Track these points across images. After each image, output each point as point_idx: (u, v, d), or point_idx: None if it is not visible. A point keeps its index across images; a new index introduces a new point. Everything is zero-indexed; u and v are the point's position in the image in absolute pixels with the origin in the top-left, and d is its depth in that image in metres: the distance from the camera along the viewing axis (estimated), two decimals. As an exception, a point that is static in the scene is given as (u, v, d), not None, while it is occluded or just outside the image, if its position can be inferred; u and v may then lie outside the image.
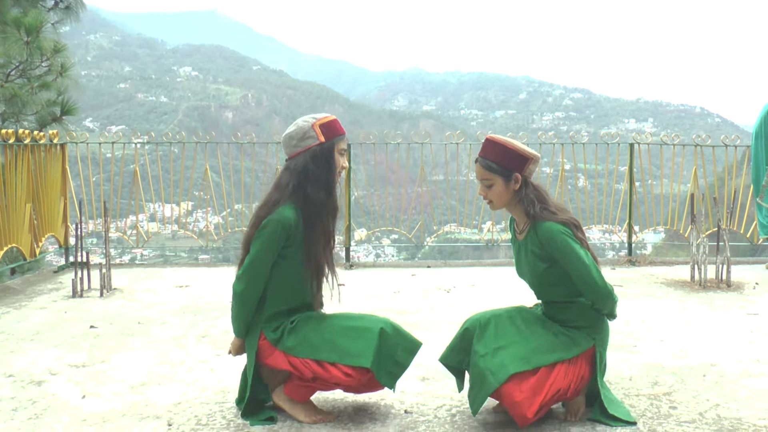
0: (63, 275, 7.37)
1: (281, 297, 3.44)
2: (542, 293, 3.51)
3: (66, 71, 9.45)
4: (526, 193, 3.37)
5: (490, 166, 3.36)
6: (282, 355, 3.39)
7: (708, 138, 8.40)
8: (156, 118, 79.85)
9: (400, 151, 8.84)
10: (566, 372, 3.31)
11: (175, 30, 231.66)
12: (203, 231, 8.79)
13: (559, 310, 3.46)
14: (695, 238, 6.95)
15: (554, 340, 3.36)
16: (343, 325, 3.40)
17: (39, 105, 9.44)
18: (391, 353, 3.37)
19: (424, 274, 7.56)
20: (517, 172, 3.35)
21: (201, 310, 5.89)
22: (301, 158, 3.38)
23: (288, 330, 3.41)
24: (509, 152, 3.35)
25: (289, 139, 3.42)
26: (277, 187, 3.41)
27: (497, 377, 3.21)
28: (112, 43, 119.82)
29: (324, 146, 3.40)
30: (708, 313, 5.75)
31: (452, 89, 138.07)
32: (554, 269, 3.36)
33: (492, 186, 3.38)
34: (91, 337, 5.03)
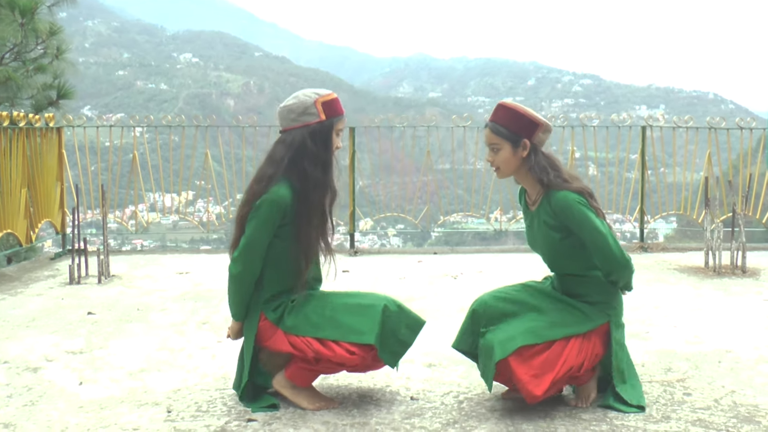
0: (60, 262, 7.36)
1: (279, 277, 3.40)
2: (556, 266, 3.46)
3: (62, 54, 9.42)
4: (537, 161, 3.32)
5: (498, 129, 3.32)
6: (283, 336, 3.35)
7: (722, 121, 8.33)
8: (156, 106, 79.78)
9: (405, 139, 8.81)
10: (579, 348, 3.27)
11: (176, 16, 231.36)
12: (204, 221, 8.77)
13: (573, 284, 3.41)
14: (709, 223, 6.90)
15: (566, 314, 3.32)
16: (345, 303, 3.36)
17: (34, 89, 9.41)
18: (394, 331, 3.33)
19: (431, 261, 7.52)
20: (525, 138, 3.31)
21: (202, 296, 5.87)
22: (298, 133, 3.33)
23: (288, 309, 3.37)
24: (519, 117, 3.31)
25: (288, 111, 3.36)
26: (272, 160, 3.35)
27: (504, 348, 3.17)
28: (110, 30, 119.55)
29: (324, 124, 3.35)
30: (723, 299, 5.71)
31: (458, 76, 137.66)
32: (569, 240, 3.32)
33: (499, 151, 3.34)
34: (89, 324, 5.02)
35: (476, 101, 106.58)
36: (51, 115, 7.71)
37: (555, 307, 3.36)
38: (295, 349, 3.35)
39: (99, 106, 70.70)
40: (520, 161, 3.34)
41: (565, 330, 3.26)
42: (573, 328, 3.28)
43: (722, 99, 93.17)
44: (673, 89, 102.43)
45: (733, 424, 3.24)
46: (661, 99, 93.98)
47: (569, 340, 3.26)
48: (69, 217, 7.76)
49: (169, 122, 8.45)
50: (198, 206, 9.49)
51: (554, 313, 3.32)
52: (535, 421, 3.27)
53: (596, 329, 3.31)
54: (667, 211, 8.62)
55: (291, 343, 3.34)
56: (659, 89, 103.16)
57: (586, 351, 3.29)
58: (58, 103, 9.71)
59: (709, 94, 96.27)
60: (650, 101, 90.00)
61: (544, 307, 3.36)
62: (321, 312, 3.34)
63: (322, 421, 3.30)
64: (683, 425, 3.22)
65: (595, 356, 3.32)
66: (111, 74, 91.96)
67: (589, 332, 3.30)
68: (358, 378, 3.87)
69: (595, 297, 3.36)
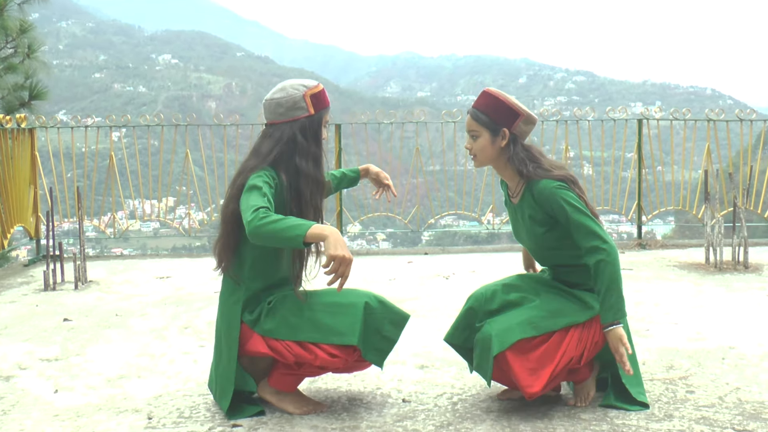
0: (34, 269, 7.29)
1: (260, 274, 3.34)
2: (544, 258, 3.46)
3: (33, 53, 9.34)
4: (515, 152, 3.30)
5: (478, 116, 3.30)
6: (260, 339, 3.29)
7: (722, 112, 8.34)
8: (134, 109, 79.45)
9: (393, 140, 8.77)
10: (579, 338, 3.24)
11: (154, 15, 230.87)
12: (187, 228, 8.71)
13: (566, 273, 3.40)
14: (710, 218, 6.91)
15: (565, 303, 3.29)
16: (324, 302, 3.30)
17: (5, 89, 9.33)
18: (378, 328, 3.28)
19: (422, 261, 7.50)
20: (505, 128, 3.29)
21: (183, 301, 5.82)
22: (287, 128, 3.29)
23: (265, 311, 3.31)
24: (500, 105, 3.29)
25: (277, 106, 3.32)
26: (257, 153, 3.30)
27: (502, 341, 3.14)
28: (85, 31, 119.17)
29: (313, 119, 3.33)
30: (725, 295, 5.71)
31: (447, 74, 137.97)
32: (554, 232, 3.30)
33: (477, 138, 3.32)
34: (65, 330, 4.96)
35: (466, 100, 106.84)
36: (23, 116, 7.64)
37: (553, 296, 3.33)
38: (274, 353, 3.30)
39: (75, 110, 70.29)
40: (498, 151, 3.31)
41: (565, 319, 3.23)
42: (572, 317, 3.25)
43: (720, 94, 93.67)
44: (670, 85, 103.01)
45: (738, 421, 3.23)
46: (657, 95, 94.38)
47: (568, 330, 3.23)
48: (43, 222, 7.69)
49: (147, 122, 8.38)
50: (179, 212, 9.42)
51: (553, 302, 3.29)
52: (532, 422, 3.25)
53: (596, 317, 3.28)
54: (665, 206, 8.61)
55: (270, 346, 3.29)
56: (655, 85, 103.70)
57: (586, 340, 3.26)
58: (30, 104, 9.63)
59: (707, 90, 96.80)
60: (646, 98, 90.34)
61: (542, 295, 3.33)
62: (299, 313, 3.28)
63: (311, 426, 3.27)
64: (687, 423, 3.21)
65: (594, 345, 3.29)
66: (87, 77, 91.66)
67: (589, 320, 3.27)
68: (347, 380, 3.84)
69: (591, 284, 3.31)
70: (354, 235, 9.33)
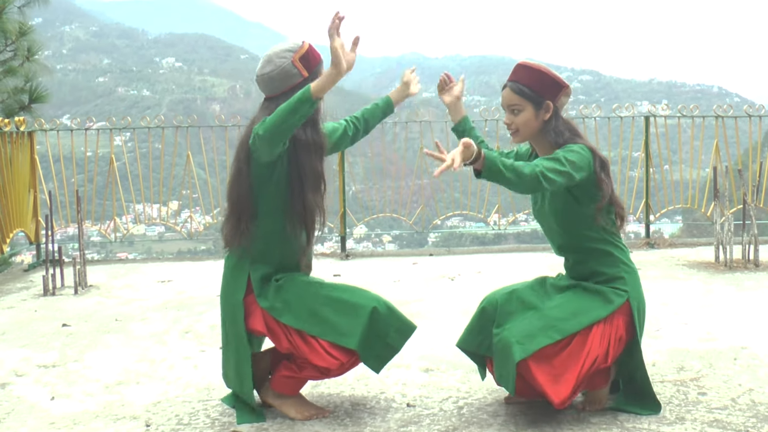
0: (34, 273, 7.23)
1: (267, 255, 3.27)
2: (563, 241, 3.33)
3: (33, 56, 9.30)
4: (557, 124, 3.22)
5: (522, 90, 3.20)
6: (260, 317, 3.22)
7: (730, 108, 8.24)
8: (138, 113, 79.39)
9: (398, 141, 8.69)
10: (602, 335, 3.13)
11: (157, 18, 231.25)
12: (192, 232, 8.65)
13: (582, 258, 3.29)
14: (719, 216, 6.83)
15: (585, 300, 3.19)
16: (332, 297, 3.23)
17: (5, 92, 9.29)
18: (382, 335, 3.21)
19: (427, 263, 7.43)
20: (549, 100, 3.21)
21: (185, 305, 5.76)
22: (284, 98, 3.14)
23: (273, 288, 3.24)
24: (544, 77, 3.21)
25: (270, 80, 3.23)
26: (253, 124, 3.20)
27: (524, 348, 3.03)
28: (89, 35, 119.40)
29: (309, 80, 3.21)
30: (735, 294, 5.63)
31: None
32: (573, 207, 3.20)
33: (520, 112, 3.22)
34: (63, 336, 4.90)
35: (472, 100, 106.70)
36: (22, 119, 7.59)
37: (572, 294, 3.23)
38: (271, 335, 3.23)
39: (79, 114, 70.38)
40: (542, 124, 3.23)
41: (587, 317, 3.12)
42: (594, 313, 3.14)
43: (727, 92, 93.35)
44: (676, 83, 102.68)
45: (752, 423, 3.15)
46: (664, 94, 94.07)
47: (591, 329, 3.12)
48: (43, 226, 7.64)
49: (148, 124, 8.32)
50: (184, 216, 9.36)
51: (572, 302, 3.19)
52: (540, 426, 3.18)
53: (617, 310, 3.17)
54: (673, 205, 8.52)
55: (268, 327, 3.22)
56: (661, 84, 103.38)
57: (610, 336, 3.15)
58: (30, 108, 9.58)
59: (714, 88, 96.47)
60: (652, 96, 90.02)
61: (561, 296, 3.24)
62: (304, 301, 3.21)
63: (313, 431, 3.20)
64: (699, 426, 3.14)
65: (619, 341, 3.18)
66: (90, 81, 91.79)
67: (611, 315, 3.17)
68: (350, 385, 3.78)
69: (608, 271, 3.22)
70: (360, 238, 9.25)
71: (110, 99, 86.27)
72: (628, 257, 3.30)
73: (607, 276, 3.23)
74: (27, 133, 7.75)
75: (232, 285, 3.29)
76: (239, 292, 3.26)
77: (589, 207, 3.19)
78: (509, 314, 3.22)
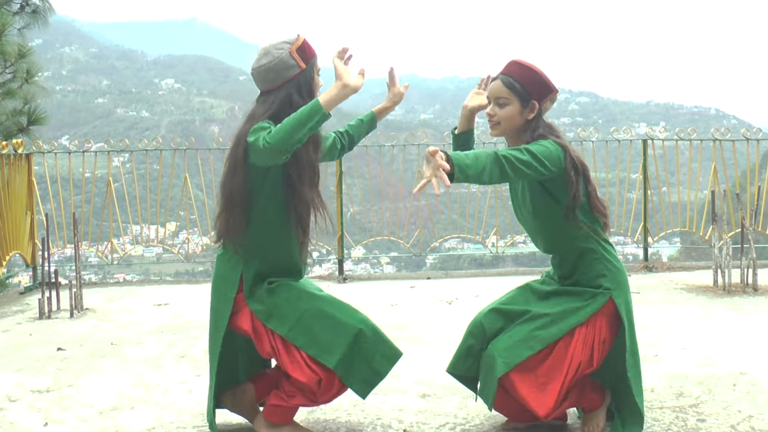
0: (30, 296, 7.20)
1: (261, 252, 3.24)
2: (545, 240, 3.32)
3: (32, 77, 9.31)
4: (536, 126, 3.23)
5: (512, 84, 3.22)
6: (248, 316, 3.20)
7: (728, 131, 8.26)
8: (137, 134, 79.62)
9: (396, 162, 8.69)
10: (585, 340, 3.12)
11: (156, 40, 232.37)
12: (189, 254, 8.62)
13: (563, 254, 3.28)
14: (717, 239, 6.82)
15: (564, 304, 3.17)
16: (322, 310, 3.19)
17: (3, 115, 9.30)
18: (368, 359, 3.17)
19: (424, 286, 7.40)
20: (536, 100, 3.23)
21: (181, 328, 5.73)
22: (282, 90, 3.17)
23: (266, 290, 3.22)
24: (536, 77, 3.23)
25: (267, 72, 3.20)
26: (251, 119, 3.17)
27: (507, 361, 3.05)
28: (88, 56, 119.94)
29: (306, 72, 3.22)
30: (734, 318, 5.60)
31: (451, 96, 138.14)
32: (548, 204, 3.20)
33: (506, 106, 3.23)
34: (58, 360, 4.87)
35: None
36: (19, 141, 7.58)
37: (551, 302, 3.22)
38: (254, 335, 3.20)
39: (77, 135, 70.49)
40: (524, 122, 3.24)
41: (566, 323, 3.11)
42: (573, 318, 3.13)
43: (724, 114, 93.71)
44: (673, 105, 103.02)
45: (752, 451, 3.12)
46: (661, 116, 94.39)
47: (573, 335, 3.11)
48: (40, 248, 7.61)
49: (146, 146, 8.32)
50: (182, 237, 9.34)
51: (551, 308, 3.18)
52: (538, 453, 3.15)
53: (599, 311, 3.16)
54: (671, 228, 8.51)
55: (254, 327, 3.21)
56: (659, 105, 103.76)
57: (593, 339, 3.14)
58: (28, 130, 9.58)
59: (711, 110, 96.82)
60: (650, 118, 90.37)
61: (540, 304, 3.23)
62: (294, 309, 3.18)
63: (308, 459, 3.17)
64: (699, 454, 3.11)
65: (603, 344, 3.17)
66: (90, 102, 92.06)
67: (592, 317, 3.15)
68: (346, 410, 3.75)
69: (590, 269, 3.21)
70: (357, 260, 9.20)
71: (109, 120, 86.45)
72: (612, 255, 3.28)
73: (589, 275, 3.22)
74: (25, 156, 7.74)
75: (224, 282, 3.26)
76: (231, 290, 3.23)
77: (563, 206, 3.19)
78: (498, 331, 3.23)
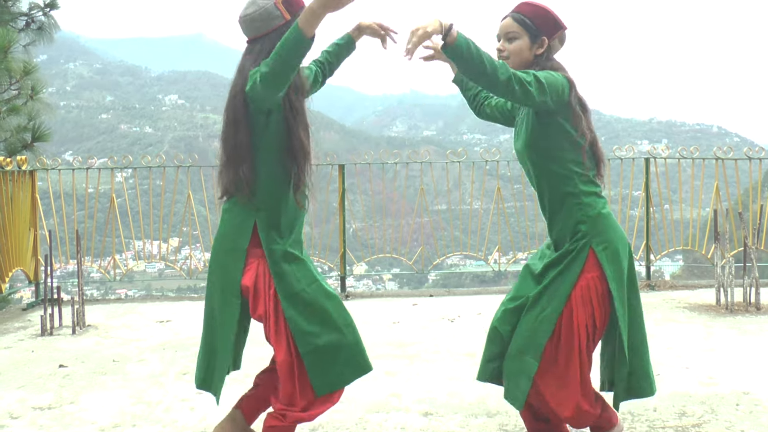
0: (32, 313, 7.20)
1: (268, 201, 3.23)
2: (534, 177, 3.32)
3: (37, 94, 9.35)
4: (545, 60, 3.26)
5: (523, 20, 3.25)
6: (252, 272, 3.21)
7: (730, 150, 8.27)
8: (140, 150, 79.93)
9: (399, 179, 8.72)
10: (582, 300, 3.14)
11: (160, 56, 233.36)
12: (191, 270, 8.63)
13: (553, 209, 3.28)
14: (719, 258, 6.81)
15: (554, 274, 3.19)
16: (318, 299, 3.22)
17: (8, 131, 9.33)
18: (341, 361, 3.19)
19: (426, 304, 7.40)
20: (545, 36, 3.26)
21: (183, 345, 5.72)
22: (266, 40, 3.20)
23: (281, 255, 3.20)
24: (547, 14, 3.27)
25: (251, 21, 3.23)
26: (241, 71, 3.21)
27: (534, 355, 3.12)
28: (92, 72, 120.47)
29: (290, 23, 3.21)
30: (737, 338, 5.59)
31: (453, 113, 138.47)
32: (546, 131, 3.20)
33: (515, 40, 3.26)
34: (60, 377, 4.87)
35: (472, 138, 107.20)
36: (23, 158, 7.61)
37: (545, 276, 3.23)
38: (253, 293, 3.22)
39: (81, 151, 70.83)
40: (532, 58, 3.27)
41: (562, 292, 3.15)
42: (565, 284, 3.15)
43: (726, 132, 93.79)
44: (676, 123, 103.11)
45: (755, 472, 3.11)
46: (663, 133, 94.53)
47: (570, 300, 3.14)
48: (42, 265, 7.62)
49: (148, 163, 8.34)
50: (184, 253, 9.35)
51: (546, 282, 3.20)
52: (540, 473, 3.14)
53: (585, 265, 3.16)
54: (673, 246, 8.51)
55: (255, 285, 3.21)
56: (661, 123, 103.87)
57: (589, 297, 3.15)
58: (32, 146, 9.61)
59: (713, 127, 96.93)
60: (652, 135, 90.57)
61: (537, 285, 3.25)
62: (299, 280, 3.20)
63: (309, 478, 3.16)
64: (701, 474, 3.10)
65: (601, 297, 3.16)
66: (93, 118, 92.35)
67: (582, 275, 3.15)
68: (348, 429, 3.74)
69: (570, 216, 3.22)
70: (360, 276, 9.24)
71: (113, 136, 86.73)
72: (597, 203, 3.27)
73: (570, 222, 3.22)
74: (29, 172, 7.77)
75: (235, 232, 3.25)
76: (244, 240, 3.23)
77: (559, 140, 3.20)
78: (512, 330, 3.28)
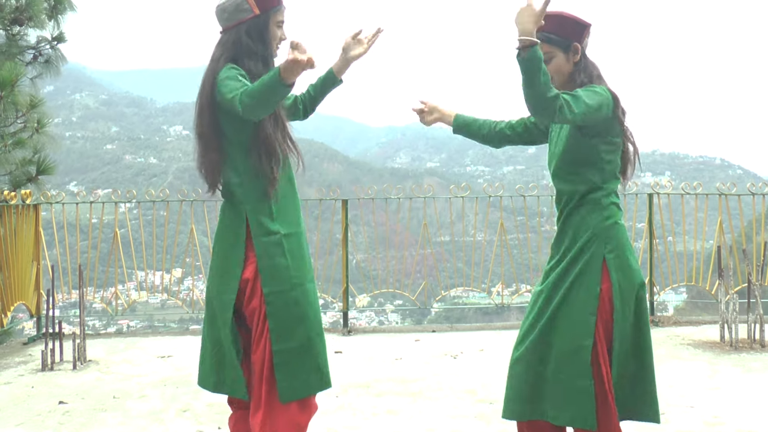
0: (33, 347, 7.17)
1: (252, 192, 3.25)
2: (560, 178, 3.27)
3: (43, 127, 9.37)
4: (585, 65, 3.22)
5: (549, 38, 3.19)
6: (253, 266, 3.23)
7: (733, 186, 8.27)
8: (145, 180, 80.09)
9: (402, 211, 8.73)
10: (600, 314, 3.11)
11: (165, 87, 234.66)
12: (193, 302, 8.61)
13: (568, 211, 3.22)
14: (723, 294, 6.78)
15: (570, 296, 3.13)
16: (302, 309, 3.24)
17: (13, 164, 9.35)
18: (308, 370, 3.21)
19: (429, 339, 7.36)
20: (576, 42, 3.22)
21: (184, 381, 5.69)
22: (233, 32, 3.27)
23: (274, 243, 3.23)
24: (567, 20, 3.21)
25: (221, 11, 3.31)
26: (213, 60, 3.29)
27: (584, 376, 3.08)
28: (98, 103, 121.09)
29: (259, 19, 3.28)
30: (741, 376, 5.55)
31: (457, 144, 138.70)
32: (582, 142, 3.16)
33: (552, 60, 3.21)
34: (59, 414, 4.84)
35: (475, 170, 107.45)
36: (28, 191, 7.62)
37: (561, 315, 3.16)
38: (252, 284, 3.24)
39: (86, 181, 71.04)
40: (572, 67, 3.23)
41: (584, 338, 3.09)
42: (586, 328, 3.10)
43: (729, 164, 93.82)
44: (679, 155, 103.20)
45: None
46: (666, 165, 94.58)
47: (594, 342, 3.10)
48: (44, 298, 7.60)
49: (152, 197, 8.36)
50: (187, 284, 9.34)
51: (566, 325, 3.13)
52: None
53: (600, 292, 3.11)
54: (677, 282, 8.48)
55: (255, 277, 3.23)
56: (664, 155, 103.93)
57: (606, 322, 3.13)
58: (37, 179, 9.62)
59: (716, 160, 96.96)
60: (655, 167, 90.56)
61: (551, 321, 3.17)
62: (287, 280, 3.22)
63: None
64: None
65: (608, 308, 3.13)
66: (99, 148, 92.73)
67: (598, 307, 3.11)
68: (349, 471, 3.70)
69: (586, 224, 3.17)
70: (363, 308, 9.16)
71: (117, 167, 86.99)
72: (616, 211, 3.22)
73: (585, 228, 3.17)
74: (33, 206, 7.78)
75: (232, 225, 3.32)
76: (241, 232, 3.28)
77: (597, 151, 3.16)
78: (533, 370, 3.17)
